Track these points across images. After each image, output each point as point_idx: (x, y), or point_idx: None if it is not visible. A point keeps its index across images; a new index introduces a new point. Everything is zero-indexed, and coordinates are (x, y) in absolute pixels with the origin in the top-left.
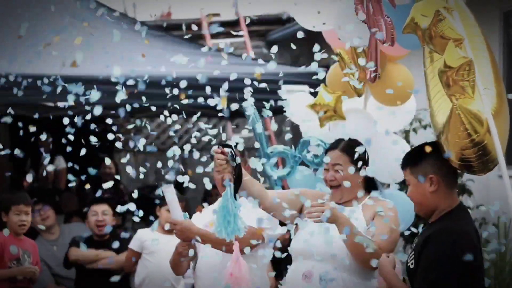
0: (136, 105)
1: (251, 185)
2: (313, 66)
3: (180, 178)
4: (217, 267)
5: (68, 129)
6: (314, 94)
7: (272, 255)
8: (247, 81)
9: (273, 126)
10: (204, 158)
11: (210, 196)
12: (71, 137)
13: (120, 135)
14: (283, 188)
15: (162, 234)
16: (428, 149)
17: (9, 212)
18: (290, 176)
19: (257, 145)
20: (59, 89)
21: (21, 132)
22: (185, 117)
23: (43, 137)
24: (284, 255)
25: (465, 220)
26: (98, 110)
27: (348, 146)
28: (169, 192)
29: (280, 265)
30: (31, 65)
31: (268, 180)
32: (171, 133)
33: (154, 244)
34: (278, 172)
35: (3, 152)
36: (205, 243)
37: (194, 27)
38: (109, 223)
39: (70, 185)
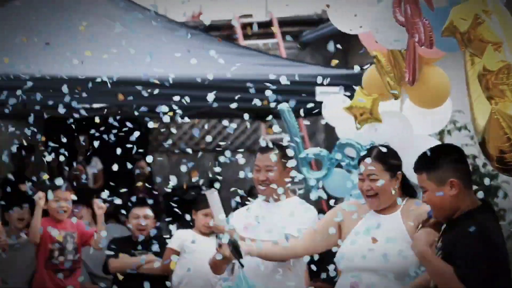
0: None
1: (272, 255)
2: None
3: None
4: (252, 268)
5: (102, 129)
6: (350, 96)
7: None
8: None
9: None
10: (241, 160)
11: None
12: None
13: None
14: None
15: (200, 235)
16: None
17: (48, 199)
18: (326, 179)
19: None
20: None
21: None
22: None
23: (80, 138)
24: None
25: (491, 218)
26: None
27: (380, 154)
28: (212, 197)
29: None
30: (72, 67)
31: (304, 182)
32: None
33: (193, 245)
34: (314, 174)
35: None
36: (254, 253)
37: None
38: (150, 227)
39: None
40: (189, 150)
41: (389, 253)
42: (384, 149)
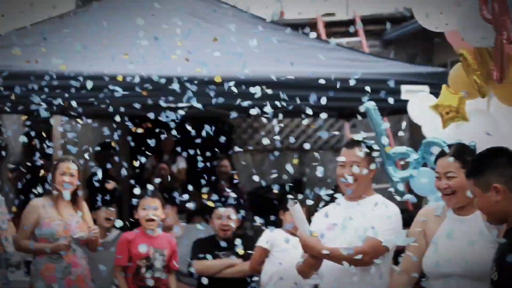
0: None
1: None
2: None
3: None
4: (339, 271)
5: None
6: (436, 94)
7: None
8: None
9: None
10: (326, 157)
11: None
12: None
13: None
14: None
15: (289, 235)
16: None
17: (138, 208)
18: (412, 178)
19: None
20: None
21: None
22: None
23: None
24: None
25: None
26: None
27: (458, 152)
28: (295, 210)
29: None
30: (155, 66)
31: (390, 181)
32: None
33: (282, 243)
34: (401, 174)
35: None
36: (332, 259)
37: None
38: (234, 226)
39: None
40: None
41: (471, 257)
42: (461, 147)
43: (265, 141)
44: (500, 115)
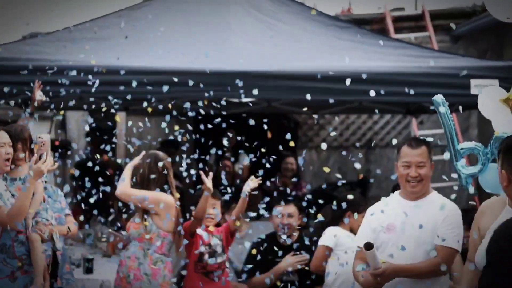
0: None
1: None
2: None
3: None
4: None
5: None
6: (507, 88)
7: None
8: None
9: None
10: (392, 155)
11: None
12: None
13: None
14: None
15: (350, 232)
16: None
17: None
18: (481, 174)
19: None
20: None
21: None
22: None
23: (228, 134)
24: None
25: None
26: None
27: None
28: (372, 254)
29: None
30: (215, 61)
31: (458, 178)
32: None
33: (346, 242)
34: (469, 170)
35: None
36: (411, 277)
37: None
38: (294, 226)
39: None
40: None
41: None
42: None
43: (332, 134)
44: None
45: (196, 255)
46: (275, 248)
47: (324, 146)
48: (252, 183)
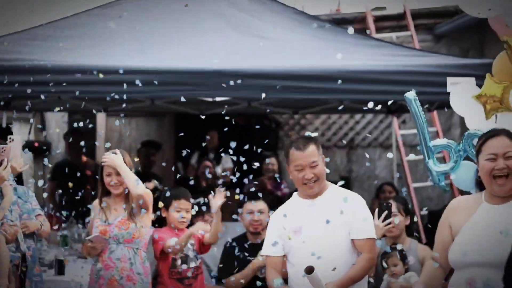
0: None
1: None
2: None
3: None
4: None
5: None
6: (481, 85)
7: None
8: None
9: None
10: (374, 155)
11: None
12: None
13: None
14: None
15: None
16: None
17: (169, 208)
18: (454, 171)
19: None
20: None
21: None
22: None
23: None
24: None
25: None
26: None
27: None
28: (313, 277)
29: None
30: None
31: (430, 175)
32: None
33: None
34: (441, 167)
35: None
36: (356, 282)
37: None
38: (265, 223)
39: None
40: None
41: (507, 246)
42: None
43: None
44: None
45: (169, 262)
46: (246, 247)
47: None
48: (219, 199)
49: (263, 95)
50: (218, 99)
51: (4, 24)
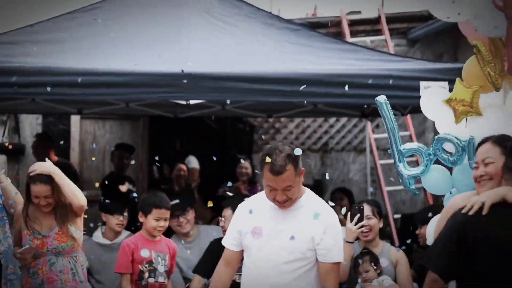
0: None
1: None
2: None
3: None
4: None
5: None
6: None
7: None
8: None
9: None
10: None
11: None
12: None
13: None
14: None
15: None
16: None
17: (148, 215)
18: (424, 175)
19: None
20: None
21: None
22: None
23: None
24: None
25: None
26: None
27: (500, 138)
28: None
29: None
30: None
31: (401, 179)
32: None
33: None
34: (412, 171)
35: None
36: None
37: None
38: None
39: None
40: None
41: None
42: (504, 136)
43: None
44: None
45: (136, 273)
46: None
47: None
48: None
49: (228, 101)
50: (192, 102)
51: None
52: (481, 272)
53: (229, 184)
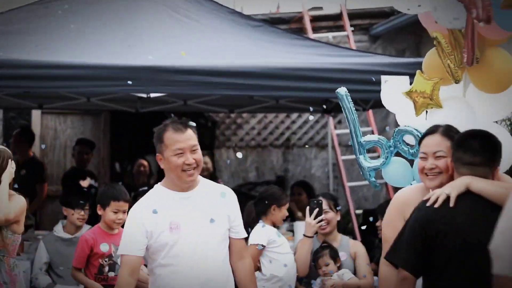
0: None
1: None
2: None
3: None
4: None
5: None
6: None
7: None
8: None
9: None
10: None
11: None
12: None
13: None
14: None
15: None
16: None
17: (106, 208)
18: (384, 167)
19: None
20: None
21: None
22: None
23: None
24: None
25: None
26: None
27: (448, 131)
28: None
29: None
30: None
31: (361, 171)
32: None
33: (279, 239)
34: (372, 163)
35: None
36: None
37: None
38: None
39: None
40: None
41: None
42: (451, 127)
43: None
44: (476, 101)
45: (96, 267)
46: None
47: (239, 155)
48: None
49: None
50: (153, 95)
51: None
52: (447, 265)
53: None
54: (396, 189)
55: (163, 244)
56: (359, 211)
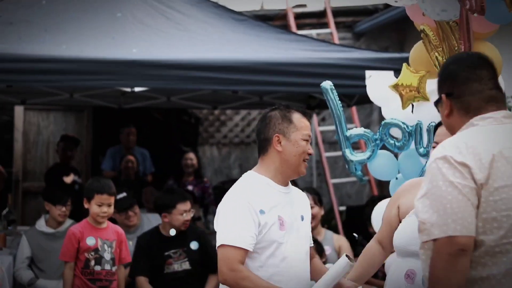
0: None
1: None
2: None
3: None
4: None
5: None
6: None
7: None
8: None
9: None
10: None
11: None
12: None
13: None
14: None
15: None
16: None
17: (91, 201)
18: (370, 161)
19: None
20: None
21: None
22: None
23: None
24: None
25: None
26: None
27: None
28: None
29: None
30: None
31: (347, 164)
32: None
33: None
34: (358, 157)
35: None
36: None
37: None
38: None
39: None
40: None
41: None
42: None
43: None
44: None
45: (82, 261)
46: (160, 241)
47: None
48: None
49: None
50: (137, 89)
51: None
52: None
53: None
54: (379, 185)
55: (270, 240)
56: (343, 208)
